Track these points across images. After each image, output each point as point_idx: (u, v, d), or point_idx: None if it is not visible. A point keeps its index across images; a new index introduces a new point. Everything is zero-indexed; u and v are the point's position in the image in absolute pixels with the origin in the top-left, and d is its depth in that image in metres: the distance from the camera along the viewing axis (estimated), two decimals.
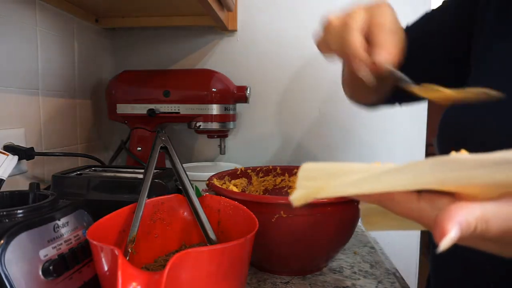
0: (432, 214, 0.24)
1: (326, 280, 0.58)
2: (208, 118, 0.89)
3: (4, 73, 0.67)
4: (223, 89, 0.89)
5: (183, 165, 0.55)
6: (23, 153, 0.66)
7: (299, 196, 0.27)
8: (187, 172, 0.55)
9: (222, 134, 0.96)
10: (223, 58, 1.06)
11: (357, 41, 0.40)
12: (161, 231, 0.54)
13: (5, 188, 0.54)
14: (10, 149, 0.65)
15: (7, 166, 0.57)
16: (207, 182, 0.66)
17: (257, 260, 0.60)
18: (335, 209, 0.55)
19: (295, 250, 0.57)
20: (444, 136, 0.46)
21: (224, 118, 0.90)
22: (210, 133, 0.94)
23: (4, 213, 0.41)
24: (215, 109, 0.88)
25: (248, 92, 0.92)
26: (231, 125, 0.93)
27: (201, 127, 0.89)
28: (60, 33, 0.84)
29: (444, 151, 0.36)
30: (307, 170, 0.27)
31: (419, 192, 0.26)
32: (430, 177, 0.23)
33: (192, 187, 0.54)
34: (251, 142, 1.08)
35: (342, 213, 0.57)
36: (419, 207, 0.25)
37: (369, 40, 0.41)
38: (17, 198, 0.49)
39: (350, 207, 0.57)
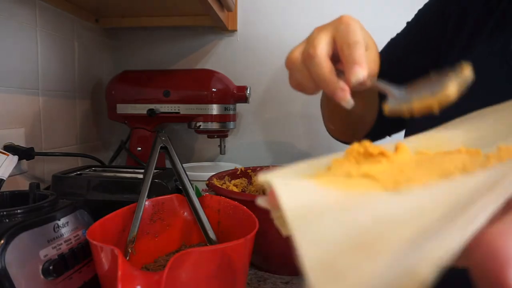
0: None
1: None
2: (208, 118, 0.89)
3: (4, 73, 0.67)
4: (223, 89, 0.89)
5: (183, 165, 0.55)
6: (23, 153, 0.66)
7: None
8: (187, 172, 0.55)
9: (222, 134, 0.96)
10: (223, 58, 1.06)
11: (324, 69, 0.36)
12: (161, 231, 0.54)
13: (5, 188, 0.54)
14: (10, 149, 0.65)
15: (7, 166, 0.57)
16: (207, 182, 0.66)
17: (257, 260, 0.60)
18: None
19: (295, 250, 0.57)
20: (414, 130, 0.47)
21: (224, 118, 0.90)
22: (210, 133, 0.94)
23: (4, 213, 0.41)
24: (215, 109, 0.88)
25: (248, 92, 0.92)
26: (231, 125, 0.93)
27: (201, 127, 0.89)
28: (60, 33, 0.84)
29: None
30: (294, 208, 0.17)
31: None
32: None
33: (192, 187, 0.54)
34: (251, 142, 1.08)
35: None
36: None
37: (341, 60, 0.36)
38: (17, 198, 0.50)
39: None
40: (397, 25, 0.63)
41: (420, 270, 0.11)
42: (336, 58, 0.37)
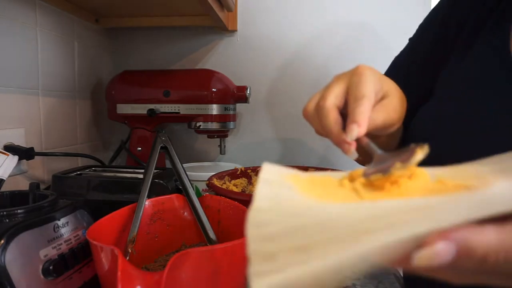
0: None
1: None
2: (208, 118, 0.89)
3: (4, 73, 0.67)
4: (223, 89, 0.89)
5: (183, 165, 0.55)
6: (23, 153, 0.66)
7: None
8: (187, 172, 0.55)
9: (222, 134, 0.96)
10: (223, 58, 1.06)
11: (329, 120, 0.37)
12: (161, 231, 0.54)
13: (5, 188, 0.54)
14: (10, 149, 0.65)
15: (7, 166, 0.57)
16: (207, 182, 0.66)
17: None
18: None
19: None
20: (415, 132, 0.49)
21: (224, 118, 0.90)
22: (210, 133, 0.94)
23: (4, 213, 0.41)
24: (215, 109, 0.88)
25: (248, 92, 0.92)
26: (231, 125, 0.93)
27: (201, 127, 0.89)
28: (60, 33, 0.84)
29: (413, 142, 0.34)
30: (261, 224, 0.20)
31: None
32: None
33: (192, 187, 0.54)
34: (251, 142, 1.08)
35: None
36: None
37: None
38: (17, 198, 0.50)
39: None
40: (400, 20, 0.63)
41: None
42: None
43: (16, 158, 0.61)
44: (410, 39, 0.61)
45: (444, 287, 0.47)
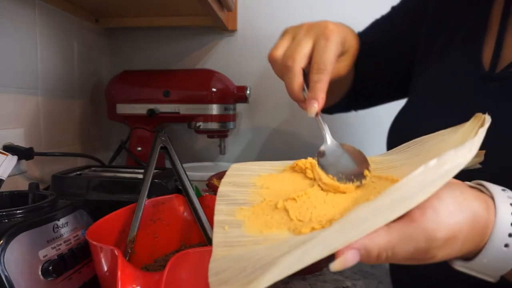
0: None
1: (326, 280, 0.58)
2: (208, 118, 0.88)
3: (4, 73, 0.67)
4: (223, 89, 0.89)
5: (183, 165, 0.55)
6: (22, 153, 0.66)
7: None
8: (187, 172, 0.55)
9: (222, 134, 0.95)
10: (223, 58, 1.05)
11: (294, 84, 0.41)
12: (161, 231, 0.54)
13: (4, 188, 0.54)
14: (10, 149, 0.65)
15: (6, 166, 0.57)
16: (207, 182, 0.66)
17: None
18: None
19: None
20: (394, 134, 0.54)
21: (224, 118, 0.90)
22: (210, 133, 0.94)
23: (4, 213, 0.41)
24: (215, 109, 0.88)
25: (248, 92, 0.92)
26: (231, 125, 0.93)
27: (201, 127, 0.89)
28: (60, 33, 0.84)
29: (393, 145, 0.40)
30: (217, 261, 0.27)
31: None
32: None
33: (192, 187, 0.54)
34: (251, 142, 1.08)
35: None
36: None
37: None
38: (16, 198, 0.49)
39: None
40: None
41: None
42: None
43: (15, 158, 0.61)
44: (393, 8, 0.63)
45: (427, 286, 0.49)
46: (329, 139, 0.40)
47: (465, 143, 0.26)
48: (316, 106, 0.40)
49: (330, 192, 0.33)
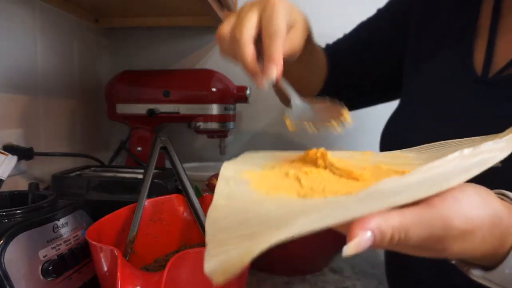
0: None
1: (326, 280, 0.58)
2: (208, 118, 0.88)
3: (4, 73, 0.67)
4: (223, 89, 0.89)
5: (183, 165, 0.55)
6: (22, 153, 0.66)
7: (218, 266, 0.21)
8: (187, 172, 0.55)
9: (222, 134, 0.95)
10: (223, 58, 1.05)
11: (246, 55, 0.39)
12: (161, 231, 0.54)
13: (4, 188, 0.54)
14: (9, 149, 0.65)
15: (6, 166, 0.57)
16: (207, 182, 0.66)
17: (257, 260, 0.60)
18: None
19: (295, 250, 0.57)
20: (387, 137, 0.55)
21: (224, 118, 0.90)
22: (210, 133, 0.94)
23: (4, 213, 0.41)
24: (215, 109, 0.88)
25: (248, 92, 0.92)
26: (231, 125, 0.92)
27: (201, 127, 0.89)
28: (60, 33, 0.84)
29: (386, 148, 0.40)
30: (216, 219, 0.24)
31: None
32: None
33: (192, 187, 0.54)
34: (251, 142, 1.08)
35: None
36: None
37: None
38: (16, 198, 0.49)
39: None
40: None
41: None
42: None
43: (15, 158, 0.61)
44: (379, 10, 0.64)
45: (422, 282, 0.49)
46: (297, 100, 0.39)
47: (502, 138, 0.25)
48: (274, 68, 0.37)
49: (343, 178, 0.30)
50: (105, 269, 0.39)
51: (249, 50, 0.39)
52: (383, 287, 0.57)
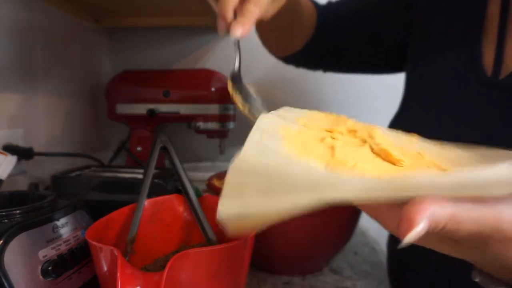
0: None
1: (326, 281, 0.58)
2: (208, 118, 0.88)
3: (3, 73, 0.67)
4: (223, 89, 0.89)
5: (183, 165, 0.55)
6: (22, 153, 0.66)
7: (235, 216, 0.21)
8: (187, 172, 0.55)
9: (222, 134, 0.95)
10: (223, 58, 1.05)
11: (231, 4, 0.42)
12: (161, 231, 0.54)
13: (4, 188, 0.54)
14: (9, 149, 0.64)
15: (6, 166, 0.57)
16: (207, 182, 0.66)
17: (257, 260, 0.60)
18: (335, 209, 0.55)
19: (295, 250, 0.57)
20: None
21: (224, 118, 0.90)
22: (210, 133, 0.94)
23: (3, 213, 0.41)
24: (215, 109, 0.88)
25: None
26: (231, 125, 0.92)
27: (201, 127, 0.89)
28: (60, 33, 0.84)
29: None
30: (240, 170, 0.24)
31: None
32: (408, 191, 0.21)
33: (192, 187, 0.54)
34: None
35: (342, 213, 0.57)
36: (388, 215, 0.24)
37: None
38: (16, 198, 0.49)
39: (350, 207, 0.57)
40: None
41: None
42: None
43: (15, 158, 0.61)
44: None
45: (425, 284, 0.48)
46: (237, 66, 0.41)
47: None
48: (241, 29, 0.42)
49: (379, 157, 0.29)
50: (105, 269, 0.39)
51: (234, 1, 0.42)
52: (383, 287, 0.57)
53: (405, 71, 0.58)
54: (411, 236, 0.20)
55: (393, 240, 0.56)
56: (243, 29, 0.41)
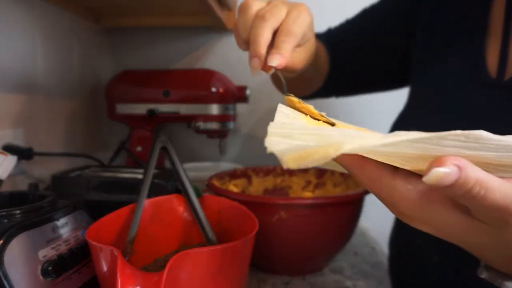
0: (408, 194, 0.23)
1: (326, 281, 0.58)
2: (208, 118, 0.88)
3: (3, 73, 0.67)
4: (223, 89, 0.89)
5: (183, 165, 0.55)
6: (22, 153, 0.66)
7: (290, 150, 0.20)
8: (187, 172, 0.55)
9: (222, 134, 0.95)
10: (223, 58, 1.05)
11: (264, 37, 0.40)
12: (161, 231, 0.54)
13: (4, 188, 0.54)
14: (9, 149, 0.64)
15: (5, 166, 0.57)
16: (207, 182, 0.66)
17: (257, 260, 0.60)
18: (335, 209, 0.55)
19: (295, 250, 0.57)
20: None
21: (224, 118, 0.90)
22: (210, 133, 0.93)
23: (3, 213, 0.41)
24: (215, 109, 0.88)
25: (248, 92, 0.92)
26: (231, 125, 0.92)
27: (201, 127, 0.89)
28: (60, 33, 0.84)
29: None
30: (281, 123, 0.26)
31: (395, 169, 0.24)
32: (413, 154, 0.21)
33: (192, 187, 0.54)
34: (251, 142, 1.08)
35: (342, 213, 0.57)
36: (392, 184, 0.23)
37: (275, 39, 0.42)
38: (16, 198, 0.49)
39: (350, 207, 0.57)
40: None
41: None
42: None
43: (14, 158, 0.61)
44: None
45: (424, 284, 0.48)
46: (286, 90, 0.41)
47: None
48: (279, 57, 0.40)
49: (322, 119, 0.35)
50: (105, 269, 0.39)
51: (267, 33, 0.41)
52: (383, 287, 0.57)
53: (409, 76, 0.59)
54: (435, 172, 0.19)
55: (395, 240, 0.56)
56: (281, 59, 0.40)
